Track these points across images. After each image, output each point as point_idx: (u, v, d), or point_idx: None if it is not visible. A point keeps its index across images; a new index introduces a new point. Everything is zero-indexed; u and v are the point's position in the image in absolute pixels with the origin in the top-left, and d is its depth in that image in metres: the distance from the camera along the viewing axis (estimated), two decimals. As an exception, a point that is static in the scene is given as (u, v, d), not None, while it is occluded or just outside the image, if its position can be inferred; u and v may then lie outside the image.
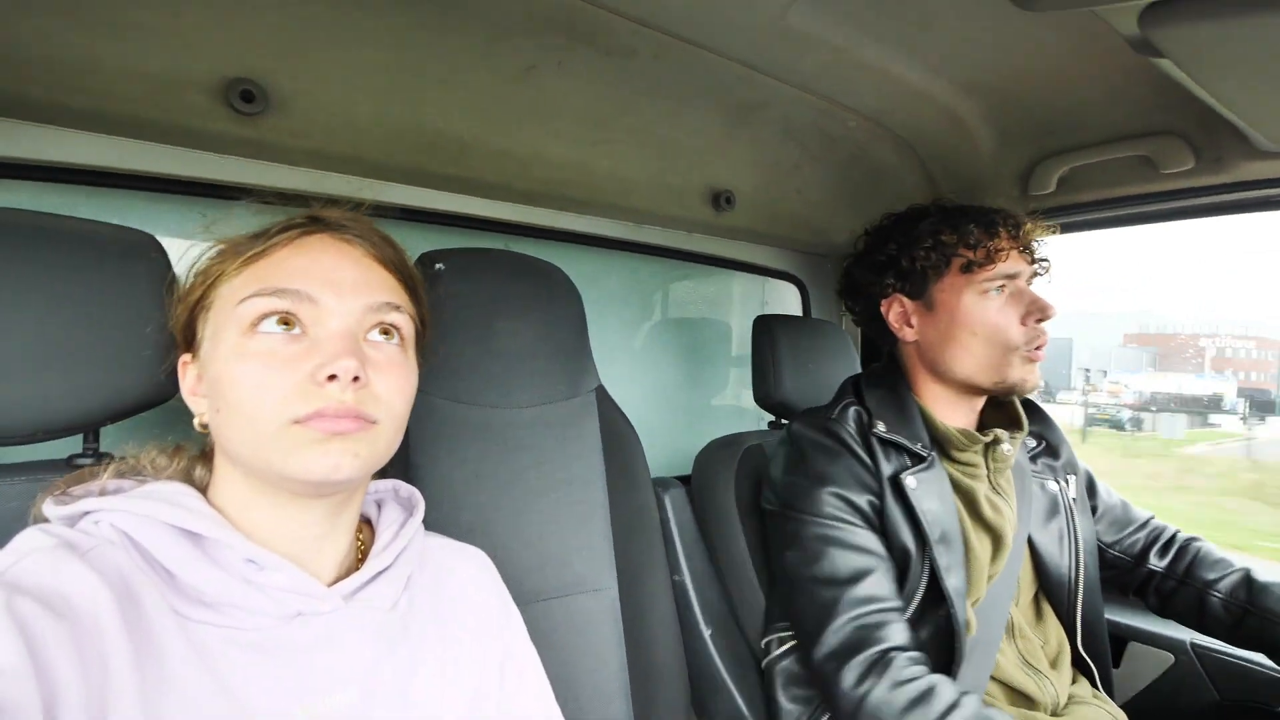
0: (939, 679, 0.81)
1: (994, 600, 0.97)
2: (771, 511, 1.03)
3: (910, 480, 0.93)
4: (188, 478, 0.56)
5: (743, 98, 1.12)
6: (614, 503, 0.98)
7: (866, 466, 0.95)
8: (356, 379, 0.50)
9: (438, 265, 0.90)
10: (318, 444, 0.49)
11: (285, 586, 0.51)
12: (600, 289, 1.50)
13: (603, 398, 1.03)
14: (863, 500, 0.93)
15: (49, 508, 0.50)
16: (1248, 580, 1.02)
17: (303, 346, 0.50)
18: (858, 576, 0.88)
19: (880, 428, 0.97)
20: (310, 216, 0.57)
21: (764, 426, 1.36)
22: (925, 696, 0.79)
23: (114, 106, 0.86)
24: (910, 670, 0.82)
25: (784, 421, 1.32)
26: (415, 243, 0.70)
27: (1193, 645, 1.16)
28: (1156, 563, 1.09)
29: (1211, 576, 1.04)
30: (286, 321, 0.51)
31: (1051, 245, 1.02)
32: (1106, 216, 1.25)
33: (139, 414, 0.67)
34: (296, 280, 0.51)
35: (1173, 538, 1.12)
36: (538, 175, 1.20)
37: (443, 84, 0.99)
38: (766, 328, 1.28)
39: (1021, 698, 0.96)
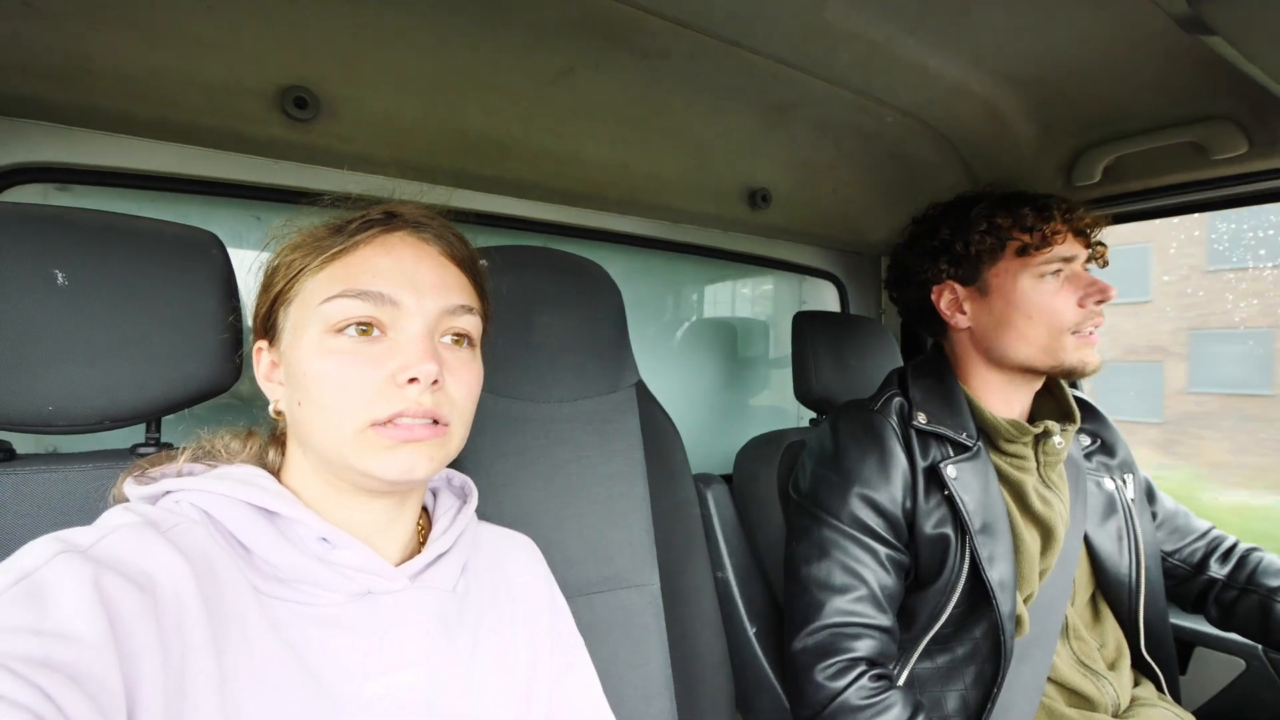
0: (897, 695, 0.85)
1: (1048, 600, 0.94)
2: (796, 501, 1.02)
3: (950, 469, 0.91)
4: (260, 461, 0.58)
5: (778, 95, 1.12)
6: (655, 498, 0.97)
7: (901, 460, 0.94)
8: (435, 382, 0.51)
9: (480, 261, 0.92)
10: (395, 448, 0.50)
11: (356, 565, 0.52)
12: (639, 288, 1.51)
13: (643, 393, 1.03)
14: (889, 501, 0.92)
15: (130, 487, 0.52)
16: None
17: (384, 347, 0.52)
18: (848, 588, 0.90)
19: (921, 419, 0.96)
20: (388, 212, 0.58)
21: (805, 425, 1.35)
22: (883, 708, 0.84)
23: (176, 115, 0.90)
24: (874, 685, 0.86)
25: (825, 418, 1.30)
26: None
27: (1265, 651, 1.10)
28: (1217, 571, 1.06)
29: (1275, 584, 1.00)
30: (367, 328, 0.52)
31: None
32: (1155, 206, 1.21)
33: (198, 404, 0.69)
34: (379, 282, 0.52)
35: (1233, 547, 1.09)
36: (576, 175, 1.21)
37: (483, 88, 1.01)
38: (806, 324, 1.27)
39: (1080, 698, 0.94)
